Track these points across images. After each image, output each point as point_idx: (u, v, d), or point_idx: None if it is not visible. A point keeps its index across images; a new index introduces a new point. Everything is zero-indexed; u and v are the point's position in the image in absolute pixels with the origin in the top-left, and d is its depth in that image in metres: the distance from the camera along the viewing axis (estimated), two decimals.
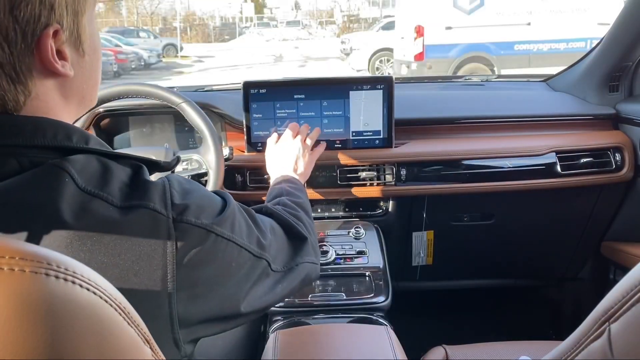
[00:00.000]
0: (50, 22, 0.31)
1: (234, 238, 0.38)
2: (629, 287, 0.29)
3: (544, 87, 1.13)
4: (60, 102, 0.35)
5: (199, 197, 0.37)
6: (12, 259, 0.19)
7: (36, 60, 0.32)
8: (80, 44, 0.35)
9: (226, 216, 0.38)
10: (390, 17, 8.41)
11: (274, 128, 0.86)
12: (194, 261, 0.34)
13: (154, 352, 0.25)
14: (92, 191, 0.31)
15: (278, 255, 0.45)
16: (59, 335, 0.19)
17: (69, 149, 0.33)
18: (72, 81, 0.35)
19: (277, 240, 0.46)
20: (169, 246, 0.33)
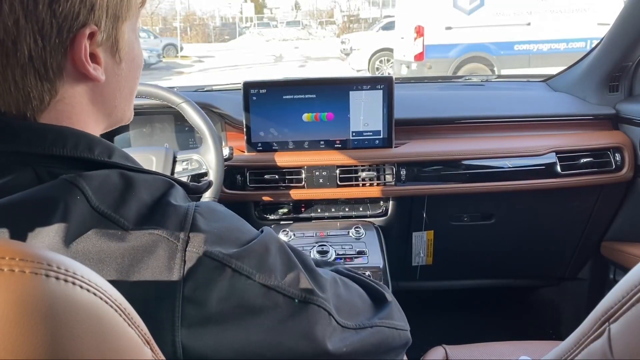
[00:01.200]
0: (87, 22, 0.30)
1: (255, 276, 0.31)
2: (629, 287, 0.29)
3: (544, 87, 1.13)
4: (87, 108, 0.33)
5: (223, 227, 0.32)
6: (12, 260, 0.19)
7: (68, 59, 0.30)
8: (117, 50, 0.34)
9: (251, 249, 0.32)
10: (390, 17, 8.42)
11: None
12: (204, 297, 0.29)
13: (154, 353, 0.25)
14: (106, 212, 0.29)
15: (347, 309, 0.36)
16: (58, 337, 0.19)
17: (90, 162, 0.31)
18: (103, 87, 0.34)
19: (348, 293, 0.38)
20: (175, 277, 0.29)
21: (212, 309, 0.30)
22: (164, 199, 0.31)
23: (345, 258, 0.84)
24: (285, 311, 0.32)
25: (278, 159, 0.89)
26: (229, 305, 0.30)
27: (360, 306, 0.39)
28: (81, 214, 0.28)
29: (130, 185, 0.31)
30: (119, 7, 0.32)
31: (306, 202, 0.93)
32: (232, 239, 0.32)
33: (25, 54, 0.29)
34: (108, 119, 0.36)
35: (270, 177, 0.89)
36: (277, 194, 0.90)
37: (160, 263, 0.29)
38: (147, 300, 0.28)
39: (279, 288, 0.32)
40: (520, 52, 4.99)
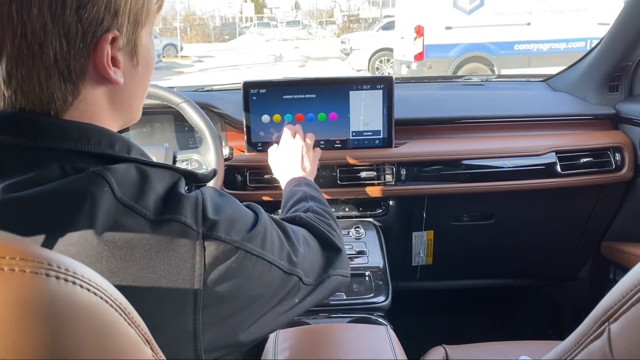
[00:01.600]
0: (110, 28, 0.32)
1: (264, 255, 0.37)
2: (628, 287, 0.29)
3: (543, 87, 1.13)
4: (107, 108, 0.35)
5: (230, 212, 0.36)
6: (13, 260, 0.19)
7: (91, 62, 0.32)
8: (136, 54, 0.36)
9: (257, 231, 0.37)
10: (390, 17, 8.41)
11: (274, 136, 0.85)
12: (222, 277, 0.34)
13: (155, 353, 0.25)
14: (128, 203, 0.31)
15: (311, 268, 0.44)
16: (59, 336, 0.19)
17: (111, 157, 0.33)
18: (121, 89, 0.36)
19: (311, 253, 0.45)
20: (198, 262, 0.32)
21: (229, 289, 0.34)
22: (175, 189, 0.34)
23: None
24: (279, 282, 0.39)
25: None
26: (242, 283, 0.35)
27: (319, 261, 0.46)
28: (108, 205, 0.30)
29: (146, 178, 0.33)
30: (139, 13, 0.34)
31: None
32: (241, 224, 0.36)
33: (50, 56, 0.30)
34: (123, 119, 0.39)
35: (270, 177, 0.89)
36: (277, 193, 0.90)
37: (184, 250, 0.32)
38: (172, 286, 0.31)
39: (276, 262, 0.38)
40: (520, 51, 4.99)
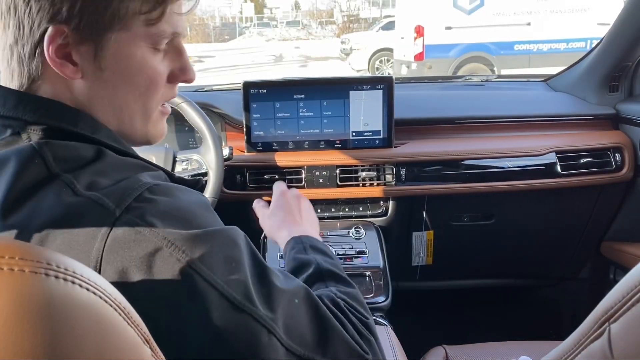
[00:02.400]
0: (56, 22, 0.32)
1: (198, 266, 0.29)
2: (629, 287, 0.29)
3: (544, 87, 1.13)
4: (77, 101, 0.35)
5: (176, 205, 0.31)
6: (12, 259, 0.19)
7: (42, 51, 0.33)
8: (100, 58, 0.34)
9: (202, 235, 0.30)
10: (390, 17, 8.41)
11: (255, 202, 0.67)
12: (123, 266, 0.28)
13: (154, 352, 0.25)
14: (58, 173, 0.30)
15: (296, 333, 0.32)
16: (58, 336, 0.19)
17: (72, 134, 0.33)
18: (84, 87, 0.35)
19: (304, 317, 0.33)
20: (98, 243, 0.28)
21: (130, 284, 0.28)
22: (129, 175, 0.32)
23: (345, 258, 0.84)
24: (218, 311, 0.29)
25: (278, 158, 0.89)
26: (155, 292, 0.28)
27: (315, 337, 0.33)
28: (33, 176, 0.30)
29: (100, 160, 0.32)
30: (101, 15, 0.33)
31: None
32: (180, 218, 0.30)
33: (11, 39, 0.33)
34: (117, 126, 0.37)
35: (271, 177, 0.89)
36: None
37: (89, 227, 0.28)
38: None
39: (217, 285, 0.29)
40: (520, 52, 4.99)
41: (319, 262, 0.44)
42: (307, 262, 0.44)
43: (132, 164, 0.34)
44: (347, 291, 0.41)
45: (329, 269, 0.43)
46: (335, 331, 0.34)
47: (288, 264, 0.47)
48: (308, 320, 0.33)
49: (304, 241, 0.49)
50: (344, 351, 0.34)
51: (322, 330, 0.34)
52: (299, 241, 0.49)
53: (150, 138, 0.40)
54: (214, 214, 0.34)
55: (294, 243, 0.49)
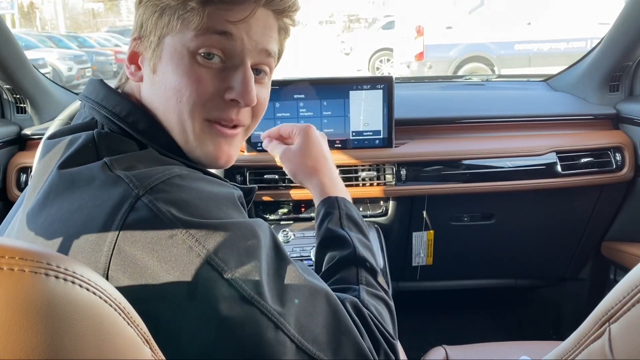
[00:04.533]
0: (138, 34, 0.39)
1: (207, 254, 0.28)
2: (629, 288, 0.29)
3: (544, 87, 1.13)
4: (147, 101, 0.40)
5: (199, 195, 0.31)
6: (12, 259, 0.19)
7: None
8: (155, 63, 0.38)
9: (220, 225, 0.30)
10: (390, 16, 8.40)
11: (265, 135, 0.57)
12: (137, 263, 0.28)
13: (154, 352, 0.25)
14: (103, 157, 0.34)
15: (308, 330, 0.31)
16: (58, 335, 0.19)
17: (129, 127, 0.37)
18: (149, 90, 0.40)
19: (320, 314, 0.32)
20: (115, 226, 0.29)
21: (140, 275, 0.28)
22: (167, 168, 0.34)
23: None
24: (226, 302, 0.28)
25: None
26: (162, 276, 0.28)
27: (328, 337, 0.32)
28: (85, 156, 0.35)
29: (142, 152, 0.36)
30: (164, 29, 0.37)
31: (306, 202, 0.93)
32: (201, 208, 0.30)
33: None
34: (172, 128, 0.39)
35: (270, 177, 0.89)
36: (277, 193, 0.90)
37: (107, 206, 0.30)
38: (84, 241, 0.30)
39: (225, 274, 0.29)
40: (521, 51, 4.98)
41: (356, 245, 0.42)
42: (343, 239, 0.43)
43: (174, 162, 0.36)
44: (378, 301, 0.39)
45: (365, 257, 0.42)
46: (350, 337, 0.33)
47: (320, 232, 0.45)
48: (324, 320, 0.32)
49: (340, 207, 0.46)
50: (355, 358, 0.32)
51: (336, 332, 0.32)
52: (335, 206, 0.46)
53: (199, 155, 0.38)
54: (239, 207, 0.34)
55: (329, 207, 0.46)
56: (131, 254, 0.29)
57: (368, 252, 0.43)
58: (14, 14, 10.37)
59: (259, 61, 0.39)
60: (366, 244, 0.44)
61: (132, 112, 0.38)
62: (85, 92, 0.40)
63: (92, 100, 0.39)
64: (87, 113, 0.39)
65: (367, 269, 0.41)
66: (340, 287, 0.39)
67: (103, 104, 0.38)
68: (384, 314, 0.38)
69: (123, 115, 0.37)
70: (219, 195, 0.33)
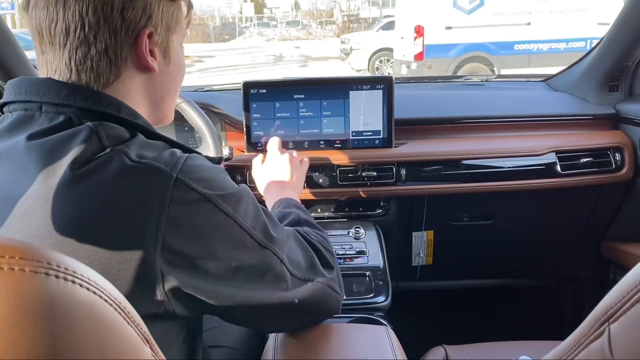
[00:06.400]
0: (147, 25, 0.41)
1: (235, 216, 0.39)
2: (628, 287, 0.29)
3: (543, 87, 1.13)
4: (140, 93, 0.43)
5: (209, 172, 0.39)
6: (12, 259, 0.19)
7: (133, 52, 0.41)
8: (168, 53, 0.44)
9: (232, 194, 0.39)
10: (390, 17, 8.41)
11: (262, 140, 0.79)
12: (186, 220, 0.36)
13: (154, 352, 0.25)
14: (112, 146, 0.36)
15: (297, 263, 0.44)
16: (58, 335, 0.19)
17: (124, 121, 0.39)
18: (155, 79, 0.43)
19: (298, 249, 0.46)
20: (163, 198, 0.35)
21: (190, 236, 0.36)
22: (162, 151, 0.39)
23: (345, 258, 0.84)
24: (252, 252, 0.40)
25: None
26: (206, 235, 0.37)
27: (308, 262, 0.46)
28: (91, 148, 0.36)
29: (136, 138, 0.39)
30: (170, 20, 0.43)
31: (306, 202, 0.93)
32: (217, 183, 0.39)
33: (103, 45, 0.39)
34: (154, 111, 0.45)
35: None
36: None
37: (153, 187, 0.35)
38: (134, 217, 0.35)
39: (250, 232, 0.40)
40: (520, 51, 4.99)
41: (298, 214, 0.58)
42: (289, 213, 0.58)
43: (161, 144, 0.41)
44: (315, 230, 0.55)
45: (306, 218, 0.57)
46: (316, 257, 0.48)
47: (279, 216, 0.60)
48: (300, 251, 0.46)
49: (288, 201, 0.62)
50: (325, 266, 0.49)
51: (309, 257, 0.47)
52: (285, 201, 0.62)
53: (169, 119, 0.48)
54: (228, 175, 0.43)
55: (280, 202, 0.62)
56: (182, 222, 0.36)
57: (307, 217, 0.58)
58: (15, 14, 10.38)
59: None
60: (307, 215, 0.59)
61: (114, 102, 0.40)
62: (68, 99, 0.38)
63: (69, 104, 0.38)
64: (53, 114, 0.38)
65: (307, 223, 0.56)
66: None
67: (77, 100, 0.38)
68: (323, 236, 0.54)
69: (108, 105, 0.39)
70: (218, 169, 0.41)
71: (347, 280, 0.81)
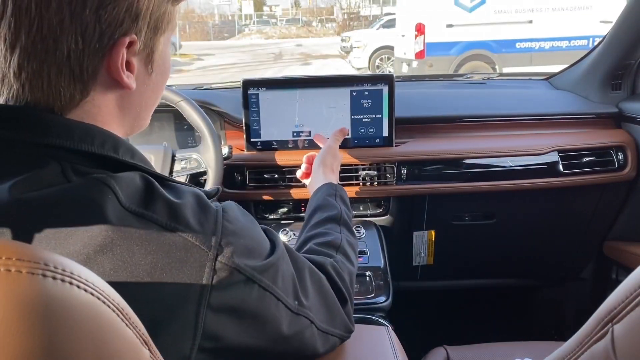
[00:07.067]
0: (129, 31, 0.31)
1: (273, 289, 0.35)
2: (632, 288, 0.29)
3: (545, 85, 1.12)
4: (113, 112, 0.34)
5: (249, 238, 0.35)
6: (9, 260, 0.19)
7: (104, 64, 0.31)
8: (151, 61, 0.35)
9: (271, 263, 0.35)
10: (390, 14, 8.38)
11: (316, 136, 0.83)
12: (228, 303, 0.32)
13: (152, 354, 0.25)
14: (136, 210, 0.29)
15: (321, 315, 0.42)
16: (56, 337, 0.19)
17: (112, 160, 0.31)
18: (132, 95, 0.34)
19: (323, 302, 0.43)
20: (205, 285, 0.30)
21: (232, 320, 0.33)
22: (199, 201, 0.33)
23: None
24: (286, 320, 0.37)
25: (278, 157, 0.89)
26: (246, 315, 0.34)
27: (330, 314, 0.43)
28: (114, 213, 0.28)
29: (152, 185, 0.31)
30: (160, 19, 0.33)
31: (306, 201, 0.93)
32: (257, 251, 0.35)
33: (64, 53, 0.29)
34: (130, 125, 0.37)
35: (270, 176, 0.89)
36: (277, 193, 0.90)
37: (192, 268, 0.30)
38: (173, 302, 0.30)
39: (285, 302, 0.37)
40: (522, 50, 4.97)
41: (342, 210, 0.55)
42: (333, 205, 0.56)
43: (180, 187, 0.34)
44: (350, 238, 0.53)
45: (347, 220, 0.55)
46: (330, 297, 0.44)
47: (317, 198, 0.59)
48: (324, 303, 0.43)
49: (337, 189, 0.60)
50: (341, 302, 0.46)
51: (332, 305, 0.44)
52: (333, 187, 0.61)
53: (145, 126, 0.40)
54: (252, 219, 0.38)
55: (328, 187, 0.61)
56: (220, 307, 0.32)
57: (349, 218, 0.57)
58: None
59: None
60: (349, 214, 0.58)
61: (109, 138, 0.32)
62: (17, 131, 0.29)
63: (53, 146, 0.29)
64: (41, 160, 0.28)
65: (346, 225, 0.54)
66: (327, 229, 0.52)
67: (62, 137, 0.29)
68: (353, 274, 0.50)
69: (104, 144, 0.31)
70: (252, 224, 0.37)
71: None
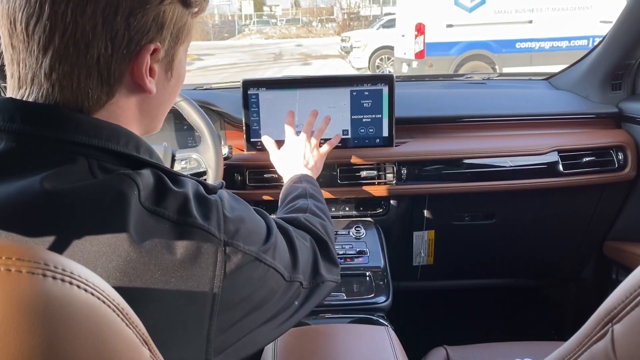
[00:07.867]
0: (154, 39, 0.33)
1: (275, 265, 0.39)
2: (632, 288, 0.29)
3: (545, 85, 1.12)
4: (134, 115, 0.36)
5: (247, 221, 0.38)
6: (9, 260, 0.19)
7: (130, 69, 0.33)
8: (171, 68, 0.37)
9: (271, 243, 0.39)
10: (390, 14, 8.38)
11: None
12: (239, 285, 0.35)
13: (152, 354, 0.25)
14: (150, 207, 0.32)
15: (307, 271, 0.45)
16: (56, 337, 0.19)
17: (134, 159, 0.34)
18: (151, 99, 0.37)
19: (309, 256, 0.46)
20: (218, 268, 0.33)
21: (244, 298, 0.35)
22: (197, 193, 0.36)
23: (345, 258, 0.83)
24: (282, 290, 0.41)
25: None
26: (256, 293, 0.37)
27: (312, 264, 0.47)
28: (135, 208, 0.31)
29: (165, 183, 0.34)
30: (181, 30, 0.36)
31: None
32: (257, 234, 0.38)
33: (94, 57, 0.32)
34: (146, 127, 0.39)
35: (270, 176, 0.89)
36: (277, 193, 0.89)
37: (206, 257, 0.33)
38: (192, 290, 0.32)
39: (281, 271, 0.40)
40: (522, 50, 4.97)
41: (307, 187, 0.61)
42: (297, 187, 0.61)
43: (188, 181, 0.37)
44: (318, 204, 0.57)
45: (313, 194, 0.60)
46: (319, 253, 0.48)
47: (285, 188, 0.63)
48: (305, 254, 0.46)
49: (301, 176, 0.65)
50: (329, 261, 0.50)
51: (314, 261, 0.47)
52: (298, 175, 0.66)
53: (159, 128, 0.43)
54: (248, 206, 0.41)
55: (293, 177, 0.66)
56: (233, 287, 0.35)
57: (315, 192, 0.61)
58: None
59: None
60: (316, 189, 0.62)
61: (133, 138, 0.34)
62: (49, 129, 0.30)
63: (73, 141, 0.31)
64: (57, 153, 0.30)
65: (312, 196, 0.59)
66: (295, 203, 0.57)
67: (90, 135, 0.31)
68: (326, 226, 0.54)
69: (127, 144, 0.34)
70: (249, 209, 0.40)
71: (348, 280, 0.81)
